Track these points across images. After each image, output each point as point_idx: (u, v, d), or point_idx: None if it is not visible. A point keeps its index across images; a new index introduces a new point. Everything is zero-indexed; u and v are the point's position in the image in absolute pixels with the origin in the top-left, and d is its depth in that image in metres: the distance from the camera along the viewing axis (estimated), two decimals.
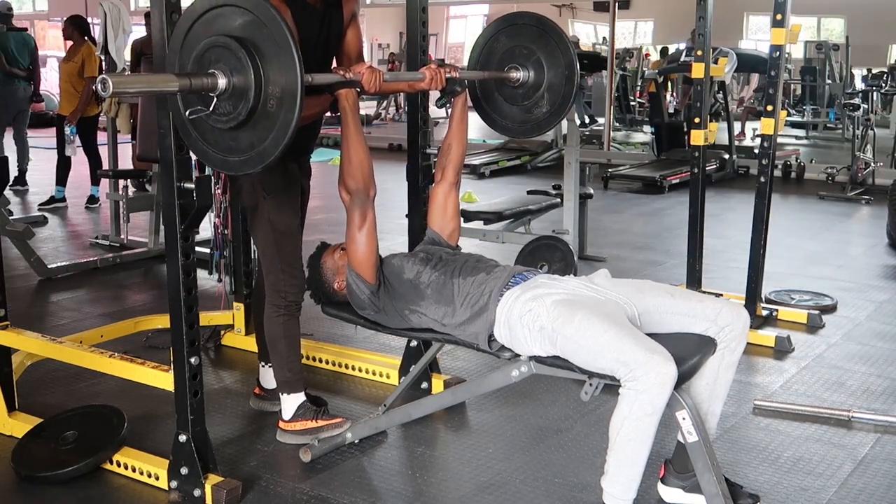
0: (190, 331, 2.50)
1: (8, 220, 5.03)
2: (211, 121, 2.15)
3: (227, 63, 2.07)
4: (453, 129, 2.92)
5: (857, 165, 8.29)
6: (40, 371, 3.53)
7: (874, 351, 3.95)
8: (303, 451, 2.83)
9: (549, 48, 3.00)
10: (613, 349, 2.19)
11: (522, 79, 3.04)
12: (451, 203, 2.88)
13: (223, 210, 3.83)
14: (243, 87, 2.07)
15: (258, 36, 2.06)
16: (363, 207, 2.58)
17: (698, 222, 4.21)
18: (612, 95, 11.20)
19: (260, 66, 2.05)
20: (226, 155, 2.20)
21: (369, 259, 2.60)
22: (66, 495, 2.64)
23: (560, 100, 3.03)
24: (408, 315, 2.61)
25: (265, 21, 2.05)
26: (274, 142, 2.09)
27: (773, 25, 3.96)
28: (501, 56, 3.07)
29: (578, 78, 2.98)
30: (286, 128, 2.06)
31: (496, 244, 5.20)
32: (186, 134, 2.25)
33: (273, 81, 2.06)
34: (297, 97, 2.03)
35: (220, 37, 2.08)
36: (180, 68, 2.16)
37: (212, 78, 2.08)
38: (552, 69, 3.00)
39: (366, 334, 3.96)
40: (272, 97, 2.07)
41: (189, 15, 2.17)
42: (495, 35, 3.10)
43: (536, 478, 2.75)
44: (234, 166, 2.21)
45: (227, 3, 2.10)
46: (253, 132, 2.12)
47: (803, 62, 13.44)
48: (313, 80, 2.38)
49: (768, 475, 2.78)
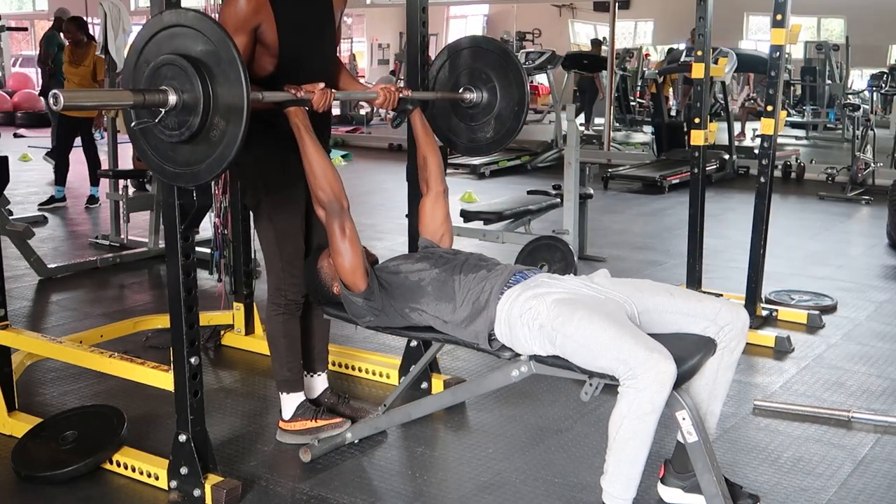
0: (190, 331, 2.50)
1: (8, 219, 5.03)
2: (156, 131, 2.24)
3: (178, 80, 2.16)
4: (421, 143, 2.98)
5: (857, 166, 8.29)
6: (40, 371, 3.53)
7: (874, 351, 3.96)
8: (303, 451, 2.83)
9: (507, 81, 3.08)
10: (613, 348, 2.19)
11: (475, 100, 3.12)
12: (440, 210, 2.91)
13: (223, 210, 3.84)
14: (192, 103, 2.15)
15: (207, 54, 2.15)
16: (340, 218, 2.57)
17: (698, 222, 4.21)
18: (612, 95, 11.20)
19: (209, 84, 2.14)
20: (175, 166, 2.28)
21: (358, 266, 2.60)
22: (65, 495, 2.64)
23: (504, 132, 3.13)
24: (408, 313, 2.60)
25: (214, 40, 2.14)
26: (220, 156, 2.18)
27: (773, 25, 3.96)
28: (461, 74, 3.15)
29: (526, 116, 3.09)
30: (233, 143, 2.14)
31: (496, 244, 5.20)
32: (135, 140, 2.33)
33: (220, 98, 2.14)
34: (243, 115, 2.11)
35: (171, 55, 2.18)
36: (135, 83, 2.25)
37: (163, 94, 2.16)
38: (504, 101, 3.09)
39: (366, 334, 3.96)
40: (220, 111, 2.15)
41: (144, 34, 2.27)
42: (458, 53, 3.17)
43: (536, 478, 2.75)
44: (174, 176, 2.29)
45: (177, 24, 2.19)
46: (195, 148, 2.21)
47: (803, 62, 13.44)
48: (263, 98, 2.46)
49: (768, 475, 2.78)
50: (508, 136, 3.11)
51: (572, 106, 5.60)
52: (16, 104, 14.85)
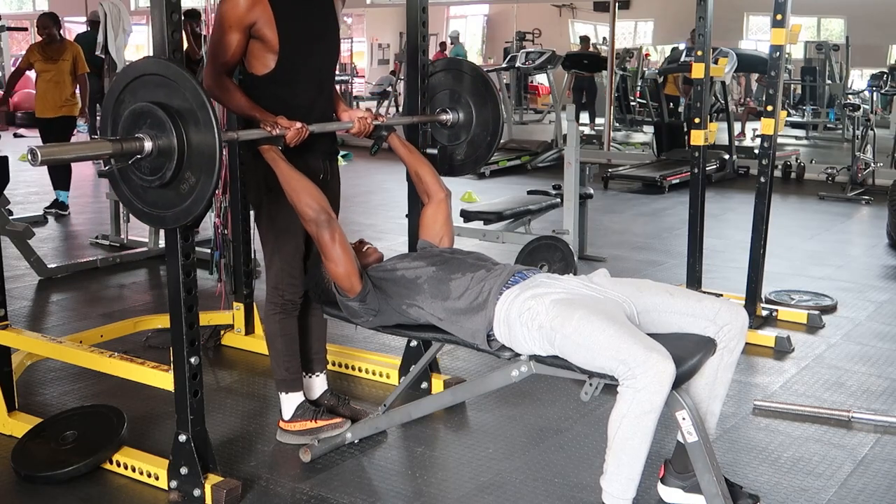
0: (190, 331, 2.50)
1: (8, 219, 5.03)
2: (129, 171, 2.34)
3: (154, 128, 2.26)
4: (408, 161, 3.04)
5: (857, 166, 8.29)
6: (40, 371, 3.53)
7: (874, 351, 3.96)
8: (303, 451, 2.84)
9: (484, 110, 3.19)
10: (612, 347, 2.19)
11: (451, 122, 3.23)
12: (441, 214, 2.94)
13: (223, 210, 3.84)
14: (167, 151, 2.25)
15: (178, 101, 2.24)
16: (329, 227, 2.61)
17: (698, 222, 4.21)
18: (612, 95, 11.20)
19: (182, 130, 2.24)
20: (144, 205, 2.40)
21: (353, 270, 2.62)
22: (65, 495, 2.64)
23: (475, 157, 3.24)
24: (405, 310, 2.60)
25: (183, 87, 2.23)
26: (186, 210, 2.28)
27: (773, 25, 3.96)
28: (441, 94, 3.26)
29: (498, 145, 3.21)
30: (200, 200, 2.25)
31: (496, 244, 5.20)
32: (115, 183, 2.43)
33: (194, 149, 2.24)
34: (215, 169, 2.21)
35: (144, 104, 2.27)
36: (112, 132, 2.35)
37: (139, 142, 2.26)
38: (479, 126, 3.20)
39: (366, 334, 3.96)
40: (192, 165, 2.25)
41: (117, 84, 2.37)
42: (441, 72, 3.26)
43: (536, 478, 2.75)
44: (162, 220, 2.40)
45: (147, 73, 2.29)
46: (165, 193, 2.31)
47: (803, 62, 13.44)
48: (239, 137, 2.58)
49: (768, 475, 2.78)
50: (479, 161, 3.25)
51: (572, 106, 5.60)
52: (16, 104, 14.82)
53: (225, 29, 2.71)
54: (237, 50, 2.72)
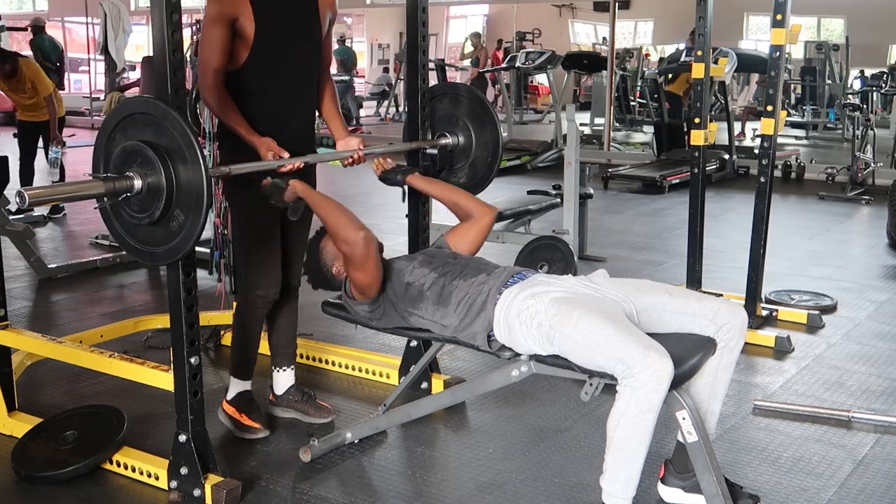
0: (190, 331, 2.50)
1: (8, 219, 5.03)
2: (120, 209, 2.37)
3: (143, 165, 2.29)
4: (440, 195, 3.00)
5: (857, 166, 8.29)
6: (40, 371, 3.53)
7: (874, 351, 3.95)
8: (303, 451, 2.83)
9: (483, 136, 3.23)
10: (610, 346, 2.20)
11: (451, 145, 3.26)
12: (474, 233, 2.88)
13: (223, 210, 3.84)
14: (156, 189, 2.28)
15: (166, 140, 2.27)
16: (369, 244, 2.57)
17: (698, 222, 4.21)
18: (612, 95, 11.20)
19: (171, 168, 2.27)
20: (135, 241, 2.42)
21: (376, 281, 2.61)
22: (66, 495, 2.64)
23: (477, 179, 3.27)
24: (407, 317, 2.62)
25: (171, 126, 2.25)
26: (175, 248, 2.32)
27: (773, 25, 3.96)
28: (440, 117, 3.29)
29: (498, 167, 3.24)
30: (189, 238, 2.28)
31: (496, 244, 5.19)
32: (107, 218, 2.44)
33: (182, 188, 2.27)
34: (203, 206, 2.24)
35: (134, 142, 2.30)
36: (104, 170, 2.38)
37: (129, 180, 2.29)
38: (479, 149, 3.24)
39: (366, 334, 3.96)
40: (181, 203, 2.27)
41: (108, 122, 2.42)
42: (438, 97, 3.30)
43: (536, 478, 2.75)
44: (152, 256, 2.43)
45: (137, 112, 2.33)
46: (155, 230, 2.34)
47: (803, 62, 13.44)
48: (231, 171, 2.60)
49: (768, 475, 2.78)
50: (481, 184, 3.26)
51: (572, 106, 5.60)
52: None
53: (210, 25, 2.76)
54: (224, 45, 2.75)
